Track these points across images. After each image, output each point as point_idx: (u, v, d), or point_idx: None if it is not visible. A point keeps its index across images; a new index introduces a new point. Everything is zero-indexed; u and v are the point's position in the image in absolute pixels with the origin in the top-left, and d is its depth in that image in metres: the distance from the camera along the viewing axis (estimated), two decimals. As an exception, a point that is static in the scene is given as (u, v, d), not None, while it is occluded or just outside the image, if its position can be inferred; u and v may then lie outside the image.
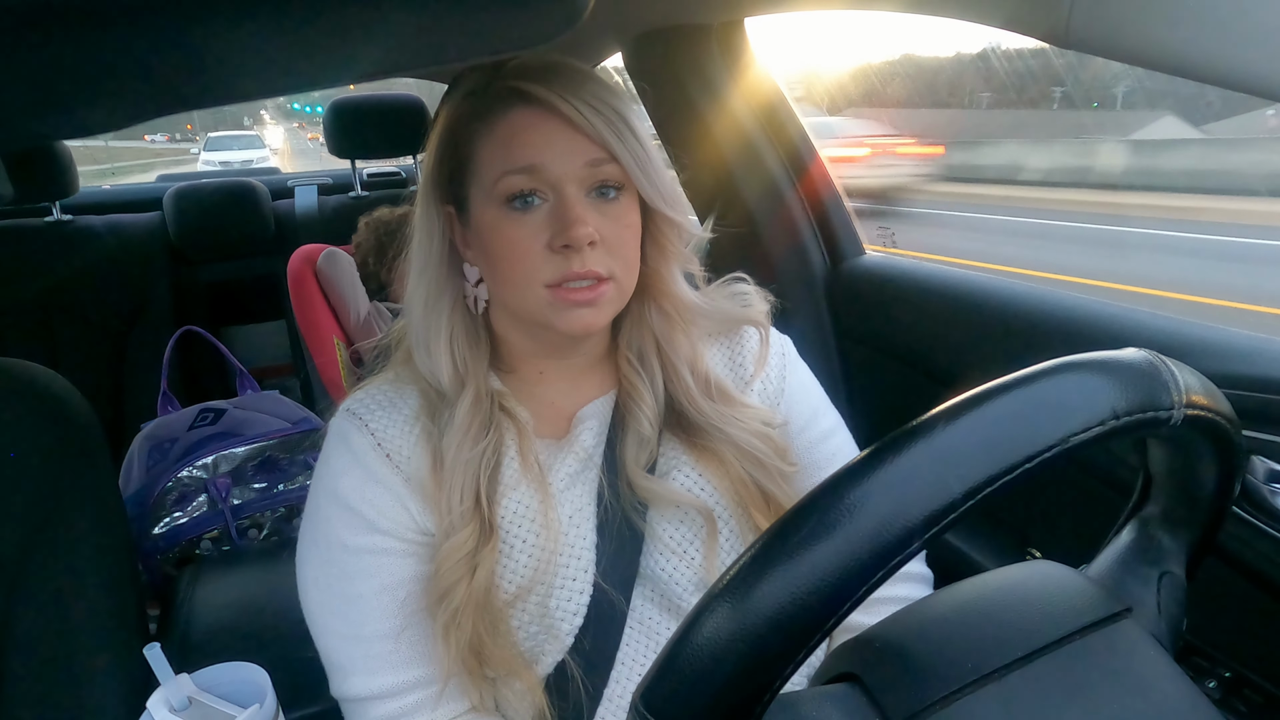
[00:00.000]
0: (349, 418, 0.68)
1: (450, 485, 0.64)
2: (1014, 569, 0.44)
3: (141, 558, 1.37)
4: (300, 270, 1.77)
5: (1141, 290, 5.39)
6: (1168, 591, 0.44)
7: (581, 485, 0.69)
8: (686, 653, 0.32)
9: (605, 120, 0.62)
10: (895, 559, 0.31)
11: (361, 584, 0.66)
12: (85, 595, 0.78)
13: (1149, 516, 0.46)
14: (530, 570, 0.66)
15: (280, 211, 2.40)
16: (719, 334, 0.77)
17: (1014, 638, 0.38)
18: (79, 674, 0.75)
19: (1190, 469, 0.43)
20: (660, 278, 0.71)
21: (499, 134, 0.63)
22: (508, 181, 0.62)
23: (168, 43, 0.55)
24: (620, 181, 0.64)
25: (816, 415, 0.79)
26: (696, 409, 0.71)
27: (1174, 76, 0.58)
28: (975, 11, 0.75)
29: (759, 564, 0.31)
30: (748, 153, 1.37)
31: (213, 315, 2.35)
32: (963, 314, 1.10)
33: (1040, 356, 0.36)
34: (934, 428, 0.32)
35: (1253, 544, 0.70)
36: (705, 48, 1.33)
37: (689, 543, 0.70)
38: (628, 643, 0.69)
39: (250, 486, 1.46)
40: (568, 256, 0.62)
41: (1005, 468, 0.32)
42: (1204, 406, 0.37)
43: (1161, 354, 0.37)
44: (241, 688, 0.60)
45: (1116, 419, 0.34)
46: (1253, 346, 0.77)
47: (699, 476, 0.71)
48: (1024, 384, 0.34)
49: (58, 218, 2.17)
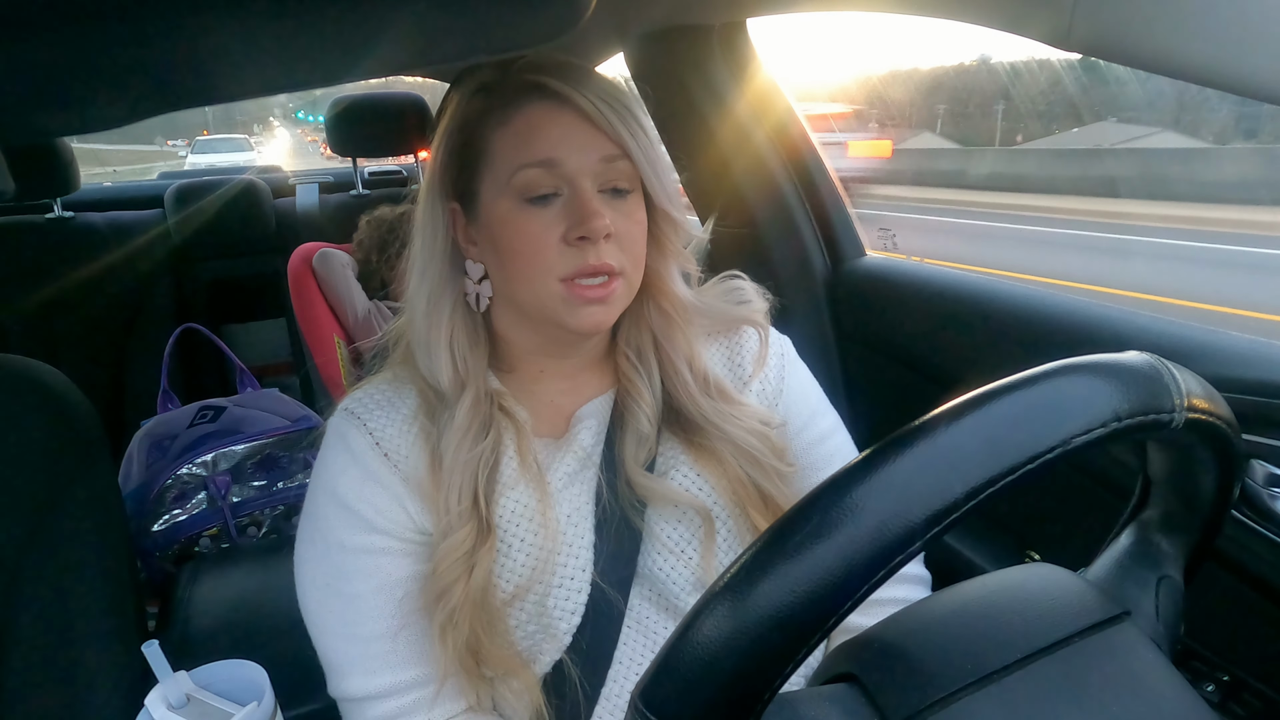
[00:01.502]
0: (347, 417, 0.68)
1: (448, 485, 0.64)
2: (1013, 571, 0.44)
3: (140, 555, 1.37)
4: (300, 268, 1.77)
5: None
6: (1166, 595, 0.44)
7: (580, 484, 0.69)
8: (687, 651, 0.32)
9: (620, 117, 0.63)
10: (897, 558, 0.31)
11: (359, 583, 0.66)
12: (84, 591, 0.78)
13: (1148, 520, 0.47)
14: (528, 570, 0.66)
15: (281, 209, 2.40)
16: (718, 333, 0.77)
17: (1013, 639, 0.38)
18: (77, 670, 0.75)
19: (1190, 473, 0.43)
20: (659, 276, 0.71)
21: (516, 126, 0.63)
22: (524, 175, 0.62)
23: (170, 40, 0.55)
24: (632, 180, 0.65)
25: (815, 416, 0.79)
26: (695, 406, 0.71)
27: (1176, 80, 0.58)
28: (977, 14, 0.75)
29: (761, 562, 0.31)
30: (749, 153, 1.37)
31: (213, 313, 2.36)
32: (963, 316, 1.10)
33: (1041, 359, 0.36)
34: (936, 427, 0.32)
35: (1252, 548, 0.70)
36: (707, 48, 1.33)
37: (687, 542, 0.70)
38: (625, 642, 0.69)
39: (249, 484, 1.46)
40: (582, 249, 0.62)
41: (1007, 468, 0.32)
42: (1205, 410, 0.37)
43: (1163, 357, 0.38)
44: (240, 685, 0.59)
45: (1118, 421, 0.34)
46: (1253, 351, 0.77)
47: (697, 476, 0.71)
48: (1027, 385, 0.34)
49: (59, 214, 2.17)
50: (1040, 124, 14.48)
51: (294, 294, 1.76)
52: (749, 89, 1.37)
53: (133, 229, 2.26)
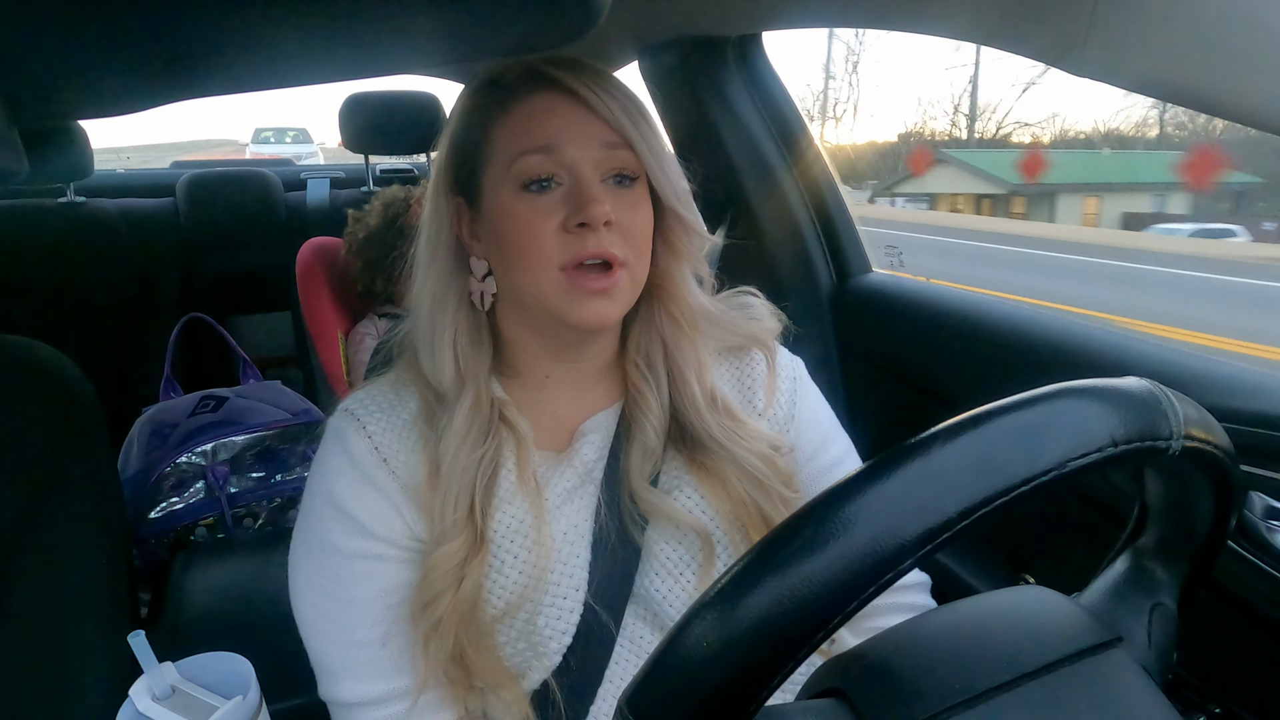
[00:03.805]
0: (347, 418, 0.67)
1: (445, 492, 0.63)
2: (1006, 593, 0.44)
3: (136, 541, 1.37)
4: (309, 262, 1.77)
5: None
6: (1159, 623, 0.44)
7: (578, 501, 0.68)
8: (674, 659, 0.32)
9: (622, 107, 0.62)
10: (887, 575, 0.31)
11: (352, 588, 0.65)
12: (78, 574, 0.78)
13: (1144, 546, 0.46)
14: (519, 587, 0.65)
15: (291, 203, 2.41)
16: (727, 354, 0.76)
17: (1002, 661, 0.37)
18: (68, 652, 0.75)
19: (1187, 501, 0.43)
20: (670, 278, 0.70)
21: (516, 116, 0.63)
22: (524, 162, 0.62)
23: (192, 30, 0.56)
24: (635, 170, 0.64)
25: (826, 443, 0.77)
26: (701, 421, 0.69)
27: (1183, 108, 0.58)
28: (989, 36, 0.76)
29: (750, 573, 0.31)
30: (759, 166, 1.37)
31: (219, 303, 2.36)
32: (967, 336, 1.10)
33: (1044, 381, 0.36)
34: (931, 446, 0.32)
35: (1248, 580, 0.69)
36: (721, 60, 1.34)
37: (685, 565, 0.69)
38: (617, 661, 0.68)
39: (248, 475, 1.46)
40: (582, 236, 0.61)
41: (1001, 489, 0.31)
42: (1202, 439, 0.37)
43: (1163, 384, 0.38)
44: (226, 678, 0.59)
45: (1115, 446, 0.34)
46: (1256, 382, 0.76)
47: (700, 499, 0.70)
48: (1024, 407, 0.34)
49: (71, 199, 2.18)
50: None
51: (301, 288, 1.76)
52: (762, 101, 1.38)
53: (143, 217, 2.27)
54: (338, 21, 0.57)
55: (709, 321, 0.73)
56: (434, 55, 0.69)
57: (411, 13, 0.59)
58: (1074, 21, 0.62)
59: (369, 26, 0.61)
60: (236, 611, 1.15)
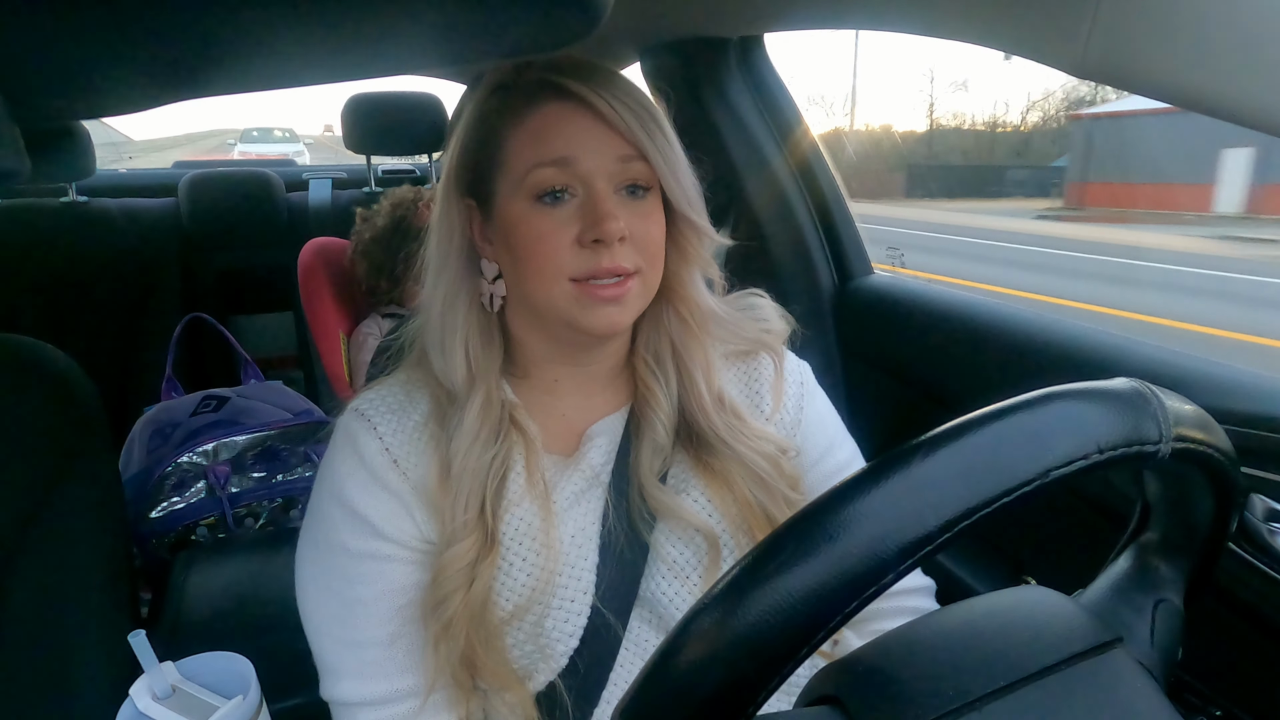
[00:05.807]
0: (358, 418, 0.67)
1: (456, 492, 0.63)
2: (1004, 594, 0.43)
3: (137, 541, 1.37)
4: (310, 263, 1.77)
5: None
6: (1163, 619, 0.43)
7: (586, 504, 0.68)
8: (667, 671, 0.32)
9: (637, 118, 0.62)
10: (870, 589, 0.31)
11: (360, 588, 0.65)
12: (79, 573, 0.78)
13: (1147, 543, 0.46)
14: (528, 590, 0.65)
15: (293, 203, 2.41)
16: (734, 357, 0.76)
17: (999, 665, 0.37)
18: (69, 651, 0.75)
19: (1186, 500, 0.42)
20: (680, 281, 0.70)
21: (530, 126, 0.63)
22: (538, 174, 0.61)
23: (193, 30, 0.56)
24: (649, 181, 0.64)
25: (832, 448, 0.77)
26: (708, 421, 0.69)
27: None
28: (992, 38, 0.76)
29: (737, 587, 0.31)
30: (761, 167, 1.37)
31: (221, 303, 2.36)
32: (969, 337, 1.10)
33: (1043, 383, 0.36)
34: (912, 459, 0.32)
35: (1249, 583, 0.69)
36: (724, 61, 1.34)
37: (691, 567, 0.69)
38: (622, 664, 0.68)
39: (249, 475, 1.46)
40: (596, 251, 0.61)
41: (982, 501, 0.31)
42: (1196, 440, 0.37)
43: (1158, 385, 0.37)
44: (226, 678, 0.59)
45: (1100, 453, 0.33)
46: (1257, 384, 0.76)
47: (706, 501, 0.70)
48: (1004, 415, 0.33)
49: (73, 199, 2.18)
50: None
51: (303, 288, 1.76)
52: (764, 103, 1.38)
53: (145, 216, 2.27)
54: (340, 22, 0.57)
55: (717, 323, 0.73)
56: (435, 56, 0.69)
57: (413, 13, 0.59)
58: (1076, 23, 0.62)
59: (371, 27, 0.61)
60: (237, 611, 1.15)
